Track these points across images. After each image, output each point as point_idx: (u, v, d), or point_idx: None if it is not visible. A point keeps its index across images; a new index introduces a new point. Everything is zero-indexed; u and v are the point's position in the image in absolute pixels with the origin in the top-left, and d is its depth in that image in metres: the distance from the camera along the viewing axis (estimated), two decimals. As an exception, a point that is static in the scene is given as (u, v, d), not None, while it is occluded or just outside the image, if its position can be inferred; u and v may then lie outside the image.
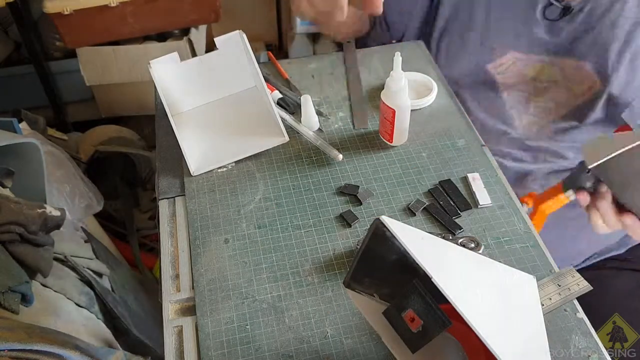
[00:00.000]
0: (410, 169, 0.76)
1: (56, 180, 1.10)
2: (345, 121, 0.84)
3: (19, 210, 0.73)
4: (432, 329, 0.47)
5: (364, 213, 0.71)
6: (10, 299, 0.67)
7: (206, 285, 0.64)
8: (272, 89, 0.86)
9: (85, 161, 1.44)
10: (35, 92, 1.63)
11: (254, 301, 0.63)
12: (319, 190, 0.74)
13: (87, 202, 1.16)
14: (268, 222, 0.71)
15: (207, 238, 0.69)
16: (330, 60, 0.94)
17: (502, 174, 0.75)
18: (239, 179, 0.76)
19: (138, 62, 1.54)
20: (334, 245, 0.68)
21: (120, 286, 1.00)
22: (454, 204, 0.71)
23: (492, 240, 0.68)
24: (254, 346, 0.59)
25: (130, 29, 1.50)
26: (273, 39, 2.00)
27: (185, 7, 1.50)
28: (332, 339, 0.59)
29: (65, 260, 0.87)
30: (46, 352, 0.61)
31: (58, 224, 0.78)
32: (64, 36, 1.47)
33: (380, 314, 0.52)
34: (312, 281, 0.65)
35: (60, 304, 0.79)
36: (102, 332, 0.83)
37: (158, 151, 0.81)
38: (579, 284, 0.61)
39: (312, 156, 0.79)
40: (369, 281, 0.53)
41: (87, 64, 1.55)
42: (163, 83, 0.78)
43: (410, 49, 0.95)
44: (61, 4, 1.39)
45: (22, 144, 0.85)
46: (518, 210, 0.71)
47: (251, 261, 0.67)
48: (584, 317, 0.60)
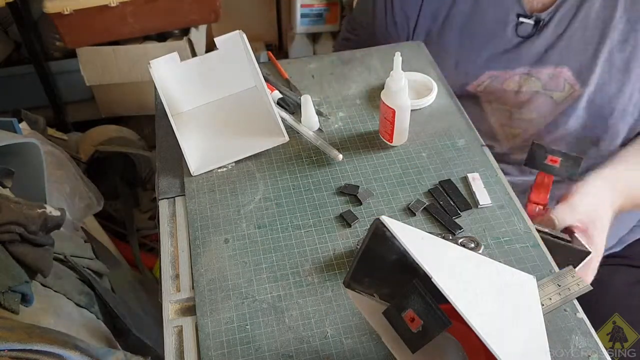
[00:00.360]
0: (410, 169, 0.76)
1: (56, 180, 1.10)
2: (345, 121, 0.84)
3: (19, 210, 0.73)
4: (432, 329, 0.47)
5: (364, 213, 0.71)
6: (10, 299, 0.67)
7: (206, 285, 0.64)
8: (272, 89, 0.86)
9: (85, 161, 1.44)
10: (35, 92, 1.63)
11: (254, 301, 0.63)
12: (319, 190, 0.74)
13: (87, 202, 1.16)
14: (268, 222, 0.71)
15: (207, 238, 0.69)
16: (330, 60, 0.94)
17: (502, 174, 0.75)
18: (239, 179, 0.76)
19: (138, 62, 1.54)
20: (334, 245, 0.68)
21: (120, 286, 1.00)
22: (454, 204, 0.71)
23: (492, 240, 0.68)
24: (254, 346, 0.59)
25: (130, 29, 1.50)
26: (273, 39, 2.00)
27: (185, 7, 1.50)
28: (332, 339, 0.59)
29: (65, 260, 0.87)
30: (46, 352, 0.61)
31: (58, 224, 0.78)
32: (64, 36, 1.47)
33: (380, 314, 0.51)
34: (312, 281, 0.65)
35: (60, 304, 0.78)
36: (102, 332, 0.83)
37: (158, 151, 0.81)
38: (579, 284, 0.61)
39: (312, 156, 0.79)
40: (369, 281, 0.53)
41: (87, 64, 1.55)
42: (163, 83, 0.78)
43: (410, 49, 0.95)
44: (61, 4, 1.39)
45: (22, 144, 0.85)
46: (518, 210, 0.71)
47: (251, 261, 0.67)
48: (584, 317, 0.60)
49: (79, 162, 1.40)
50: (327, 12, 1.77)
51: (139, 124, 1.75)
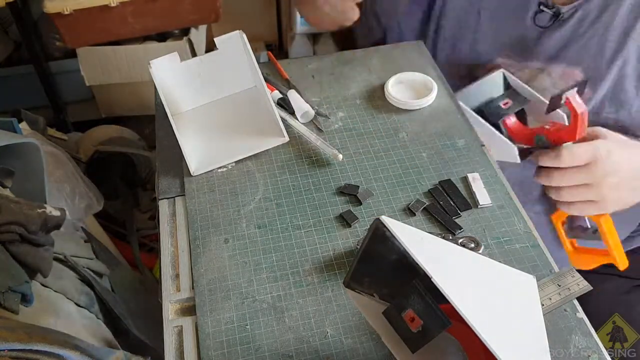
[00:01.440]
0: (410, 169, 0.76)
1: (56, 180, 1.10)
2: (345, 121, 0.84)
3: (19, 210, 0.73)
4: (432, 329, 0.47)
5: (364, 213, 0.71)
6: (10, 299, 0.67)
7: (206, 285, 0.64)
8: (272, 88, 0.86)
9: (85, 161, 1.44)
10: (35, 92, 1.63)
11: (254, 301, 0.63)
12: (319, 190, 0.74)
13: (87, 202, 1.16)
14: (268, 222, 0.71)
15: (207, 238, 0.69)
16: (330, 60, 0.94)
17: (502, 174, 0.75)
18: (239, 179, 0.76)
19: (138, 62, 1.54)
20: (334, 245, 0.68)
21: (120, 286, 1.00)
22: (454, 204, 0.71)
23: (492, 240, 0.68)
24: (254, 346, 0.59)
25: (130, 29, 1.50)
26: (273, 39, 2.00)
27: (185, 7, 1.50)
28: (332, 339, 0.59)
29: (65, 260, 0.87)
30: (46, 352, 0.61)
31: (58, 224, 0.78)
32: (64, 36, 1.47)
33: (380, 314, 0.52)
34: (312, 281, 0.65)
35: (60, 304, 0.78)
36: (102, 332, 0.83)
37: (158, 151, 0.81)
38: (579, 284, 0.61)
39: (312, 156, 0.79)
40: (369, 281, 0.53)
41: (87, 64, 1.55)
42: (163, 83, 0.78)
43: (410, 49, 0.95)
44: (61, 4, 1.38)
45: (22, 144, 0.85)
46: (518, 210, 0.71)
47: (251, 261, 0.67)
48: (584, 317, 0.60)
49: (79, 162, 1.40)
50: (327, 12, 1.77)
51: (139, 124, 1.75)
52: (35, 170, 0.88)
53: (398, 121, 0.83)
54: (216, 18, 1.56)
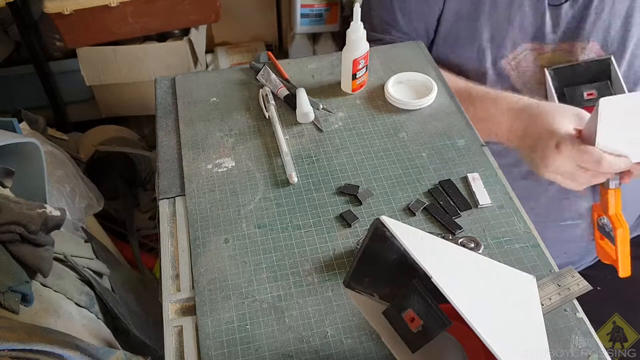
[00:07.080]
0: (410, 169, 0.76)
1: (56, 180, 1.10)
2: (345, 121, 0.84)
3: (19, 210, 0.73)
4: (432, 329, 0.47)
5: (364, 213, 0.71)
6: (10, 299, 0.67)
7: (206, 285, 0.64)
8: (281, 86, 0.86)
9: (85, 161, 1.45)
10: (35, 92, 1.63)
11: (254, 301, 0.63)
12: (319, 190, 0.74)
13: (87, 202, 1.16)
14: (268, 222, 0.71)
15: (207, 238, 0.69)
16: (330, 60, 0.94)
17: (502, 173, 0.75)
18: (239, 179, 0.76)
19: (138, 62, 1.55)
20: (334, 245, 0.68)
21: (120, 286, 1.00)
22: (454, 204, 0.72)
23: (492, 240, 0.68)
24: (254, 346, 0.59)
25: (131, 29, 1.50)
26: (273, 39, 2.00)
27: (185, 7, 1.50)
28: (332, 339, 0.59)
29: (65, 260, 0.87)
30: (46, 352, 0.61)
31: (58, 224, 0.78)
32: (64, 36, 1.47)
33: (380, 314, 0.52)
34: (312, 281, 0.65)
35: (60, 304, 0.78)
36: (102, 332, 0.83)
37: (158, 151, 0.81)
38: (579, 284, 0.61)
39: (312, 156, 0.79)
40: (369, 281, 0.53)
41: (87, 64, 1.55)
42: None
43: (410, 49, 0.95)
44: (61, 4, 1.39)
45: (22, 144, 0.85)
46: (518, 210, 0.71)
47: (251, 261, 0.67)
48: (584, 317, 0.60)
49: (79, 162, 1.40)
50: (327, 12, 1.77)
51: (139, 124, 1.75)
52: (35, 170, 0.88)
53: (398, 121, 0.83)
54: (216, 18, 1.57)
